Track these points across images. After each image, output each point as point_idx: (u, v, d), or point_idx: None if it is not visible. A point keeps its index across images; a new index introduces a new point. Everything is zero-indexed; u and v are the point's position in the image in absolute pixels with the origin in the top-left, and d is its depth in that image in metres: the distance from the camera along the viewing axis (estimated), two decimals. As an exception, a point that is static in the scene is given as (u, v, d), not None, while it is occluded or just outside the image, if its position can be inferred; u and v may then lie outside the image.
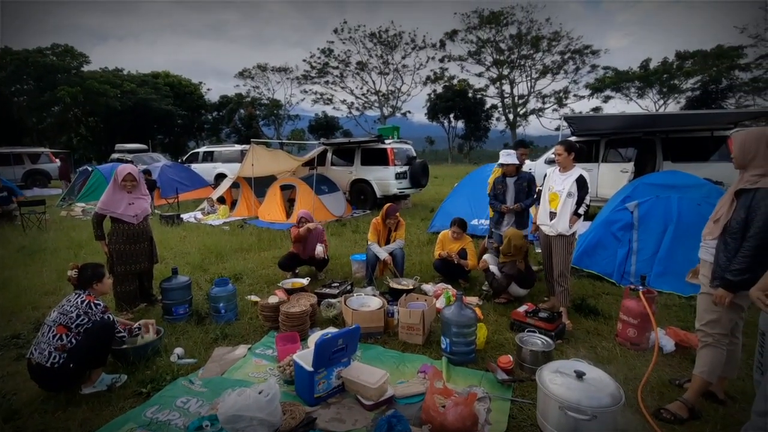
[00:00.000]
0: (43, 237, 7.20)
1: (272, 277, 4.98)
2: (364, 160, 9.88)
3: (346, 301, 3.61)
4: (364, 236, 7.01)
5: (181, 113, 34.39)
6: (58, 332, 2.57)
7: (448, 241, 4.82)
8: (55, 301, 4.26)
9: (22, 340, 3.48)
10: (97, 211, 3.83)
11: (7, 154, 16.47)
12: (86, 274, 2.83)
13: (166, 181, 10.72)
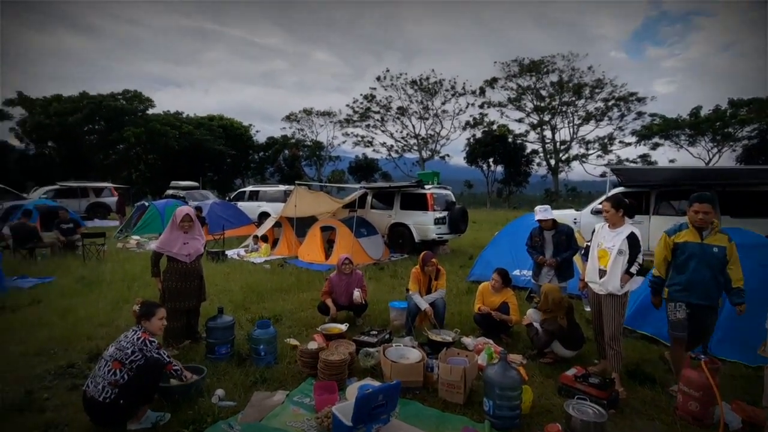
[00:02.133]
0: (101, 268, 7.68)
1: (311, 320, 5.01)
2: (403, 204, 10.01)
3: (385, 352, 3.56)
4: (402, 281, 6.98)
5: (230, 153, 36.66)
6: (113, 367, 2.69)
7: (488, 293, 4.70)
8: (108, 333, 4.50)
9: (76, 370, 3.65)
10: (156, 250, 4.09)
11: (75, 188, 18.06)
12: (142, 311, 2.99)
13: (214, 218, 11.29)
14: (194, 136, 33.55)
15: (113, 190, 19.16)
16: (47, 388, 3.32)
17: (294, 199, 8.90)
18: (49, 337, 4.34)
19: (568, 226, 4.72)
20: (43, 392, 3.24)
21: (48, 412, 2.96)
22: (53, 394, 3.22)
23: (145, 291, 6.11)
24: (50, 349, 4.04)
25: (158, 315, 3.01)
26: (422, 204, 9.65)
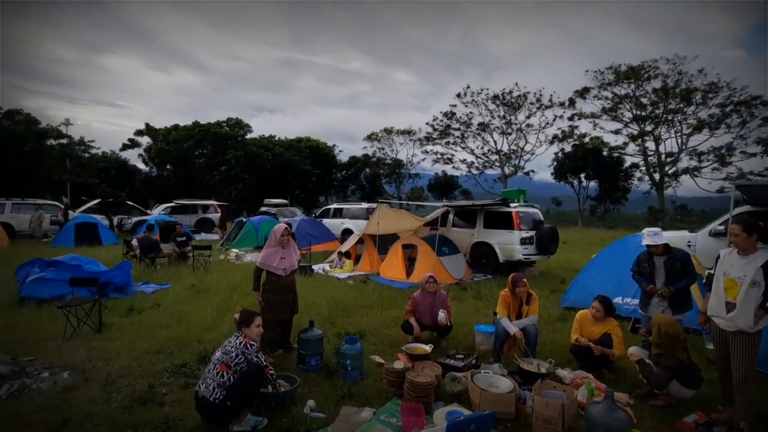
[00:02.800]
0: (208, 277, 8.56)
1: (394, 338, 5.02)
2: (487, 222, 9.70)
3: (473, 378, 3.41)
4: (487, 303, 6.71)
5: (316, 172, 39.02)
6: (221, 369, 2.95)
7: (588, 322, 4.30)
8: (214, 337, 4.96)
9: (188, 369, 4.06)
10: (258, 266, 4.41)
11: (187, 205, 20.58)
12: (242, 318, 3.26)
13: (301, 234, 12.01)
14: (284, 157, 36.40)
15: (217, 207, 21.45)
16: (165, 384, 3.73)
17: (377, 217, 9.12)
18: (167, 337, 4.91)
19: (684, 251, 4.17)
20: (162, 387, 3.65)
21: (166, 406, 3.32)
22: (170, 390, 3.61)
23: (244, 300, 6.66)
24: (168, 349, 4.57)
25: (256, 322, 3.25)
26: (507, 223, 9.25)
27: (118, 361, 4.21)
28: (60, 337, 4.85)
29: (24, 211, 16.78)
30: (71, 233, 14.44)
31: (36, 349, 4.48)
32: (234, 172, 37.87)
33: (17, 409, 3.22)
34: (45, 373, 3.89)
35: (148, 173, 39.23)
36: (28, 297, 6.31)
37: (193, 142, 35.95)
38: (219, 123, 38.09)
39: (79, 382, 3.75)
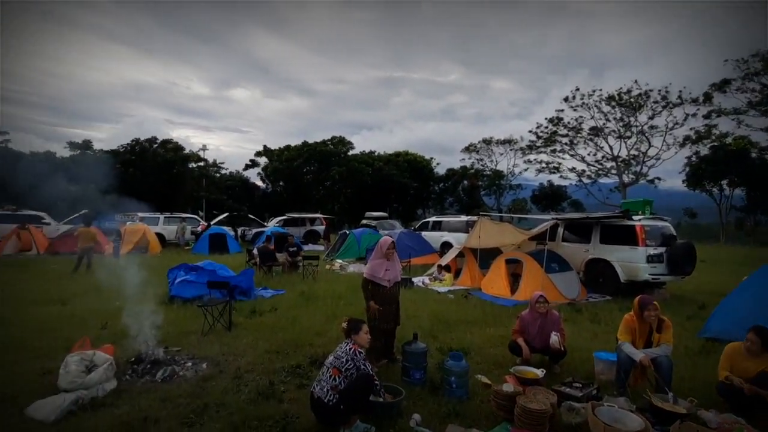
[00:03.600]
0: (316, 286, 9.18)
1: (500, 358, 4.77)
2: (604, 237, 8.74)
3: (594, 410, 3.06)
4: (607, 328, 6.02)
5: (413, 185, 39.61)
6: (333, 374, 3.11)
7: (740, 358, 3.57)
8: (323, 342, 5.27)
9: (302, 370, 4.36)
10: (366, 277, 4.57)
11: (297, 218, 22.49)
12: (350, 326, 3.40)
13: (402, 246, 12.22)
14: (384, 172, 37.72)
15: (323, 220, 23.04)
16: (283, 382, 4.06)
17: (478, 230, 8.87)
18: (284, 339, 5.37)
19: None
20: (281, 385, 3.98)
21: (285, 403, 3.60)
22: (287, 389, 3.91)
23: (349, 309, 6.99)
24: (284, 350, 4.98)
25: (363, 329, 3.37)
26: (630, 238, 8.21)
27: (244, 358, 4.72)
28: (199, 332, 5.61)
29: (172, 223, 20.03)
30: (206, 242, 16.80)
31: (182, 342, 5.25)
32: (337, 187, 40.42)
33: (170, 392, 3.79)
34: (189, 363, 4.53)
35: (265, 189, 43.92)
36: (176, 296, 7.46)
37: (302, 160, 39.41)
38: (324, 141, 41.16)
39: (215, 373, 4.29)
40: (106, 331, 5.63)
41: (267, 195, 43.09)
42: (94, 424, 3.17)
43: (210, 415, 3.37)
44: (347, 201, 40.74)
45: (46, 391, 3.65)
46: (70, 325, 5.92)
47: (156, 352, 4.45)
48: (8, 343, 4.96)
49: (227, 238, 17.29)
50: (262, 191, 43.65)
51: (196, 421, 3.26)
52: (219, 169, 41.23)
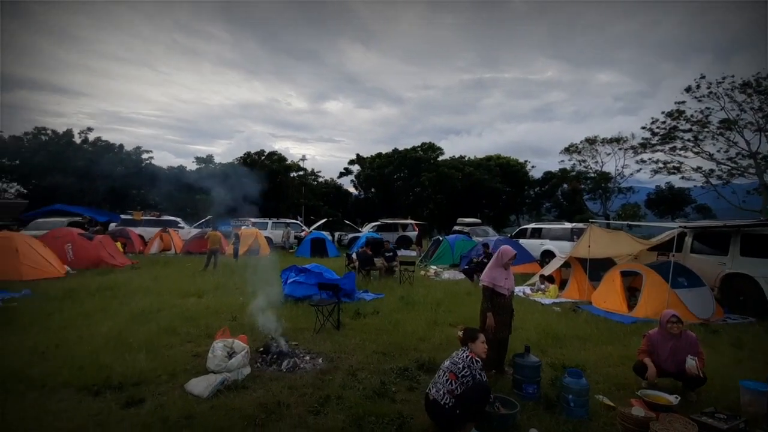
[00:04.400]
0: (413, 291, 9.34)
1: (622, 379, 4.38)
2: (746, 249, 7.49)
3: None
4: (753, 354, 5.20)
5: (506, 190, 38.05)
6: (449, 378, 3.18)
7: None
8: (427, 347, 5.37)
9: (409, 373, 4.49)
10: (486, 284, 4.52)
11: (391, 224, 23.09)
12: (466, 335, 3.42)
13: (498, 253, 11.87)
14: (474, 176, 36.88)
15: (414, 226, 23.31)
16: (393, 383, 4.23)
17: (587, 239, 8.23)
18: (389, 342, 5.58)
19: None
20: (391, 386, 4.15)
21: (398, 403, 3.76)
22: (398, 389, 4.07)
23: (448, 316, 7.01)
24: (391, 352, 5.18)
25: (480, 339, 3.37)
26: (781, 250, 6.92)
27: (355, 356, 5.02)
28: (311, 329, 6.09)
29: (278, 228, 21.99)
30: (308, 246, 18.13)
31: (297, 337, 5.75)
32: (427, 193, 40.57)
33: (295, 381, 4.20)
34: (307, 357, 4.96)
35: (358, 196, 45.88)
36: (288, 295, 8.19)
37: (392, 167, 40.42)
38: (414, 148, 41.68)
39: (330, 368, 4.63)
40: (236, 323, 6.39)
41: (359, 201, 44.98)
42: (239, 404, 3.65)
43: (331, 407, 3.66)
44: (437, 207, 40.64)
45: (197, 371, 4.31)
46: (207, 315, 6.85)
47: (281, 344, 4.96)
48: (162, 329, 5.90)
49: (326, 242, 18.45)
50: (355, 197, 45.66)
51: (320, 411, 3.57)
52: (316, 178, 44.18)
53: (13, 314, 6.42)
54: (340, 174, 45.63)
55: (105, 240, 13.75)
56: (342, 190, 45.10)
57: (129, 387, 3.91)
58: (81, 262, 11.88)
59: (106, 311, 6.83)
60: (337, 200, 42.96)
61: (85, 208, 27.58)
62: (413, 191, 41.31)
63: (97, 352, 4.75)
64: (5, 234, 11.12)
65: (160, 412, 3.42)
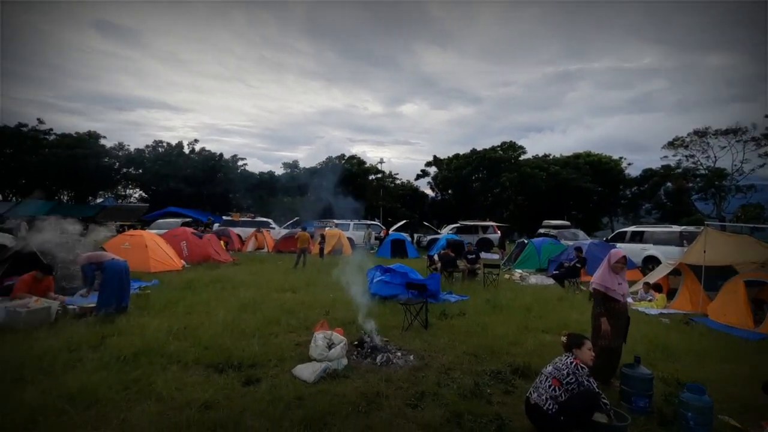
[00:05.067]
0: (499, 294, 9.10)
1: (749, 400, 3.88)
2: None
3: None
4: None
5: (597, 190, 35.14)
6: (553, 383, 3.09)
7: None
8: (519, 351, 5.23)
9: (503, 377, 4.42)
10: (597, 288, 4.32)
11: (471, 226, 22.67)
12: (571, 341, 3.29)
13: (592, 258, 11.04)
14: (560, 176, 34.64)
15: (495, 228, 22.61)
16: (488, 385, 4.20)
17: (702, 243, 7.33)
18: (478, 344, 5.53)
19: None
20: (486, 387, 4.13)
21: (494, 405, 3.74)
22: (493, 392, 4.04)
23: (539, 322, 6.73)
24: (481, 354, 5.13)
25: (587, 346, 3.22)
26: None
27: (445, 356, 5.07)
28: (399, 327, 6.26)
29: (359, 229, 22.79)
30: (388, 247, 18.55)
31: (387, 334, 5.94)
32: (507, 194, 39.06)
33: (390, 375, 4.38)
34: (398, 353, 5.12)
35: (434, 197, 45.69)
36: (375, 294, 8.49)
37: (470, 168, 39.58)
38: (493, 148, 40.39)
39: (422, 365, 4.74)
40: (329, 317, 6.80)
41: (436, 203, 44.76)
42: (341, 391, 3.91)
43: (428, 402, 3.76)
44: (518, 208, 38.94)
45: (301, 358, 4.69)
46: (303, 309, 7.37)
47: (374, 339, 5.19)
48: (267, 320, 6.49)
49: (406, 243, 18.70)
50: (431, 199, 45.53)
51: (418, 405, 3.69)
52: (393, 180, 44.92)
53: (147, 301, 7.52)
54: (417, 176, 45.82)
55: (212, 238, 15.46)
56: (418, 192, 45.23)
57: (246, 368, 4.40)
58: (193, 258, 13.49)
59: (219, 300, 7.70)
60: (414, 202, 43.21)
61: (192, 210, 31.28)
62: (492, 192, 40.04)
63: (217, 335, 5.40)
64: (138, 232, 13.07)
65: (275, 392, 3.80)
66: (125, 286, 6.65)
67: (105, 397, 3.57)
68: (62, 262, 7.94)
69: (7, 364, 4.18)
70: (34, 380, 3.82)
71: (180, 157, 42.52)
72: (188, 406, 3.47)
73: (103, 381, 3.82)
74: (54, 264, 7.42)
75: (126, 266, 6.73)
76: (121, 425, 3.17)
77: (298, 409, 3.51)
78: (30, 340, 4.98)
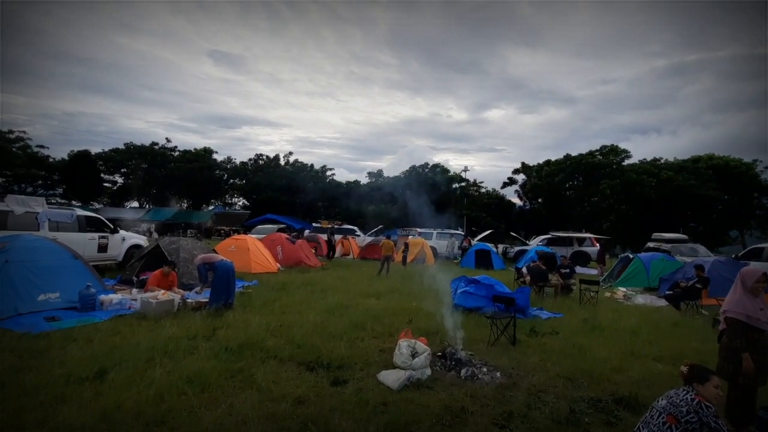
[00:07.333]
0: (598, 314, 8.27)
1: None
2: None
3: None
4: None
5: (723, 198, 30.28)
6: (667, 421, 2.70)
7: None
8: (622, 379, 4.69)
9: (604, 405, 4.00)
10: (737, 318, 3.62)
11: (564, 237, 21.04)
12: (693, 373, 2.85)
13: (717, 278, 9.49)
14: (675, 183, 30.56)
15: (593, 240, 20.70)
16: (585, 413, 3.83)
17: None
18: (574, 367, 5.07)
19: None
20: (583, 416, 3.77)
21: (593, 437, 3.39)
22: (591, 421, 3.67)
23: (649, 348, 5.98)
24: (578, 379, 4.70)
25: (713, 382, 2.76)
26: None
27: (535, 376, 4.75)
28: (485, 341, 6.02)
29: (442, 238, 22.55)
30: (472, 257, 18.04)
31: (472, 347, 5.75)
32: (607, 203, 35.53)
33: (475, 390, 4.23)
34: (483, 368, 4.93)
35: (522, 206, 43.38)
36: (458, 305, 8.30)
37: (564, 175, 36.85)
38: (591, 153, 37.13)
39: (509, 384, 4.49)
40: (412, 325, 6.80)
41: (524, 212, 42.46)
42: (425, 401, 3.88)
43: (516, 424, 3.55)
44: (620, 219, 35.16)
45: (385, 364, 4.75)
46: (386, 315, 7.48)
47: (458, 351, 5.07)
48: (353, 324, 6.70)
49: (492, 254, 18.02)
50: (519, 208, 43.30)
51: (506, 425, 3.50)
52: (478, 188, 43.70)
53: (249, 299, 8.28)
54: (504, 184, 43.98)
55: (303, 244, 16.54)
56: (505, 201, 43.34)
57: (334, 368, 4.60)
58: (287, 261, 14.55)
59: (309, 303, 8.19)
60: (500, 211, 41.47)
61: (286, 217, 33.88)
62: (589, 201, 36.75)
63: (308, 335, 5.74)
64: (242, 237, 14.53)
65: (361, 395, 3.91)
66: (232, 285, 7.41)
67: (215, 382, 4.00)
68: (183, 261, 9.16)
69: (142, 346, 4.92)
70: (162, 362, 4.43)
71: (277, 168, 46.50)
72: (284, 399, 3.73)
73: (214, 368, 4.29)
74: (177, 262, 8.59)
75: (233, 267, 7.50)
76: (228, 409, 3.51)
77: (383, 414, 3.56)
78: (158, 327, 5.81)
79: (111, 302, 6.99)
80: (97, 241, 10.87)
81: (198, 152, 46.33)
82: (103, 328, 5.82)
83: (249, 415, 3.43)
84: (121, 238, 11.86)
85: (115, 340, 5.27)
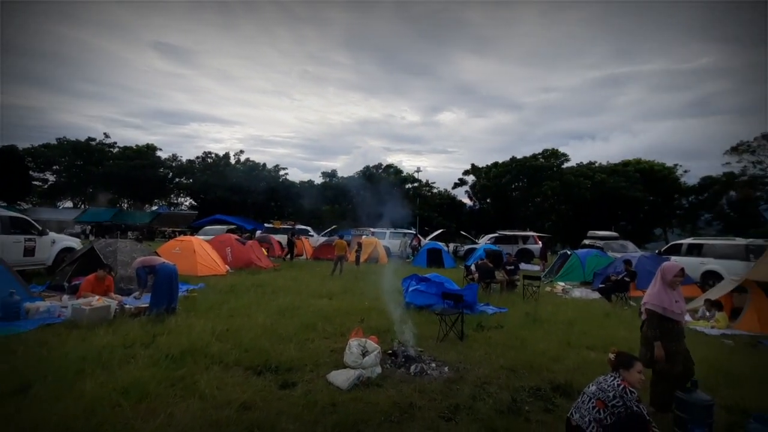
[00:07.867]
0: (539, 308, 8.75)
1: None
2: None
3: None
4: None
5: (649, 199, 33.19)
6: (596, 405, 2.92)
7: None
8: (561, 368, 5.00)
9: (543, 394, 4.24)
10: (650, 308, 3.92)
11: (510, 236, 22.07)
12: (619, 360, 3.11)
13: (642, 272, 10.40)
14: (607, 185, 33.06)
15: (536, 238, 21.87)
16: (526, 401, 4.05)
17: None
18: (516, 358, 5.34)
19: None
20: (524, 404, 3.98)
21: (532, 423, 3.59)
22: (532, 409, 3.88)
23: (584, 338, 6.41)
24: (519, 369, 4.95)
25: (636, 368, 3.02)
26: None
27: (481, 369, 4.94)
28: (434, 337, 6.16)
29: (395, 238, 22.80)
30: (424, 256, 18.41)
31: (421, 344, 5.86)
32: (549, 203, 37.74)
33: (423, 386, 4.32)
34: (432, 364, 5.05)
35: (472, 207, 44.93)
36: (409, 303, 8.44)
37: (510, 177, 38.66)
38: (534, 156, 39.23)
39: (457, 377, 4.64)
40: (364, 324, 6.82)
41: (474, 212, 43.98)
42: (375, 399, 3.91)
43: (463, 416, 3.68)
44: (560, 218, 37.47)
45: (335, 364, 4.73)
46: (338, 315, 7.44)
47: (408, 348, 5.16)
48: (303, 325, 6.60)
49: (443, 253, 18.49)
50: (469, 208, 44.79)
51: (452, 418, 3.62)
52: (431, 189, 44.68)
53: (194, 303, 7.89)
54: (455, 185, 45.29)
55: (254, 245, 16.04)
56: (456, 201, 44.64)
57: (283, 371, 4.51)
58: (237, 263, 14.04)
59: (259, 305, 7.96)
60: (451, 211, 42.66)
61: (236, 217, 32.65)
62: (533, 201, 38.83)
63: (257, 338, 5.58)
64: (187, 238, 13.81)
65: (310, 397, 3.87)
66: (174, 288, 7.03)
67: (154, 392, 3.78)
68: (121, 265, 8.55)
69: (71, 357, 4.54)
70: (94, 373, 4.11)
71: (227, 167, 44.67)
72: (228, 405, 3.60)
73: (152, 377, 4.05)
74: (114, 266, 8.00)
75: (175, 270, 7.12)
76: (168, 419, 3.33)
77: (331, 414, 3.55)
78: (91, 335, 5.38)
79: (38, 310, 6.39)
80: (22, 244, 9.88)
81: (140, 149, 43.48)
82: (27, 338, 5.31)
83: (190, 424, 3.28)
84: (51, 241, 10.86)
85: (42, 351, 4.81)
